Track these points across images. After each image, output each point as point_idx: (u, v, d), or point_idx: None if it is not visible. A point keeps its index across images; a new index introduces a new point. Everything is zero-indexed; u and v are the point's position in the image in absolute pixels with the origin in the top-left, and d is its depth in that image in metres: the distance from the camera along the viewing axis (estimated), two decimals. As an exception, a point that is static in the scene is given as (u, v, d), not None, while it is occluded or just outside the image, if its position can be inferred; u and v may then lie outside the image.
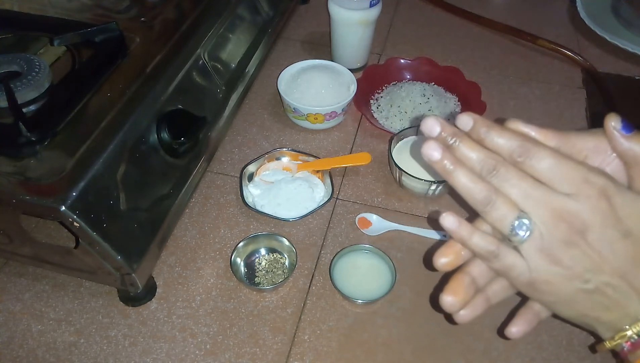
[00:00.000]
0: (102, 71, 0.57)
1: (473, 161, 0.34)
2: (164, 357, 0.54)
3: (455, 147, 0.34)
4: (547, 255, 0.33)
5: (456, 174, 0.34)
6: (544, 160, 0.32)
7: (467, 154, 0.34)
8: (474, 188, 0.34)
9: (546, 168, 0.32)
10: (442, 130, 0.34)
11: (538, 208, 0.33)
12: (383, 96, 0.82)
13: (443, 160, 0.34)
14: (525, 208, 0.33)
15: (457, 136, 0.34)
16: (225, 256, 0.62)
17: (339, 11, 0.81)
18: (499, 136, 0.33)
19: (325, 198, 0.67)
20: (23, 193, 0.45)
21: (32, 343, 0.55)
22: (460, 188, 0.34)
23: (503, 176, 0.33)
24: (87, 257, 0.50)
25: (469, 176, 0.34)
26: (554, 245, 0.33)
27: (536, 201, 0.32)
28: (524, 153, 0.33)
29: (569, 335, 0.56)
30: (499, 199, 0.33)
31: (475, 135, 0.34)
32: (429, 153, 0.34)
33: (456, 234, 0.36)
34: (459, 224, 0.35)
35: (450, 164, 0.34)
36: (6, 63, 0.57)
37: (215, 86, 0.66)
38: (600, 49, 0.94)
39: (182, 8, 0.69)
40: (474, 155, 0.34)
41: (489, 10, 1.03)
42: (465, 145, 0.34)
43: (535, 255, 0.34)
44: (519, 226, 0.33)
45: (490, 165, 0.33)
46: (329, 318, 0.57)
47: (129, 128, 0.52)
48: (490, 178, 0.33)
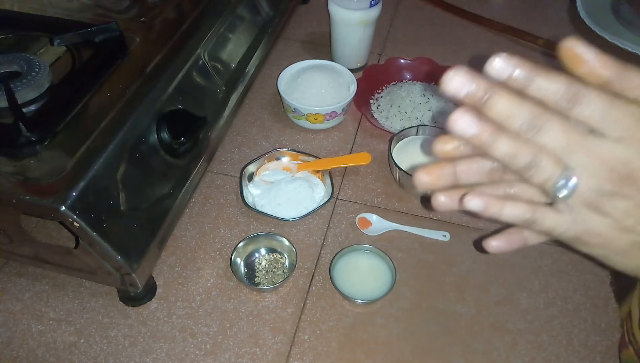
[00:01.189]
0: (102, 71, 0.57)
1: (517, 117, 0.29)
2: (164, 357, 0.54)
3: (491, 105, 0.29)
4: (596, 207, 0.30)
5: (497, 145, 0.29)
6: (594, 103, 0.28)
7: (506, 112, 0.29)
8: (517, 154, 0.29)
9: (596, 112, 0.28)
10: (471, 87, 0.29)
11: (585, 159, 0.29)
12: (383, 96, 0.82)
13: (481, 133, 0.29)
14: (571, 161, 0.29)
15: (492, 91, 0.29)
16: (225, 256, 0.62)
17: (339, 11, 0.81)
18: (545, 80, 0.29)
19: (325, 198, 0.67)
20: (23, 193, 0.45)
21: (32, 343, 0.55)
22: (500, 157, 0.30)
23: (547, 131, 0.29)
24: (87, 257, 0.50)
25: (511, 143, 0.29)
26: (603, 197, 0.30)
27: (583, 151, 0.29)
28: (572, 98, 0.28)
29: (569, 335, 0.56)
30: (543, 160, 0.29)
31: (515, 82, 0.29)
32: (462, 127, 0.29)
33: (486, 213, 0.32)
34: (486, 204, 0.32)
35: (490, 135, 0.29)
36: (6, 63, 0.57)
37: (215, 86, 0.66)
38: (601, 49, 0.94)
39: (182, 8, 0.69)
40: (515, 111, 0.29)
41: (489, 10, 1.03)
42: (503, 100, 0.29)
43: (582, 208, 0.31)
44: (564, 184, 0.30)
45: (533, 121, 0.29)
46: (329, 318, 0.57)
47: (129, 128, 0.52)
48: (533, 135, 0.29)
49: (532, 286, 0.60)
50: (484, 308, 0.58)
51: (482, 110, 0.29)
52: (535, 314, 0.58)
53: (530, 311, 0.58)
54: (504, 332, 0.56)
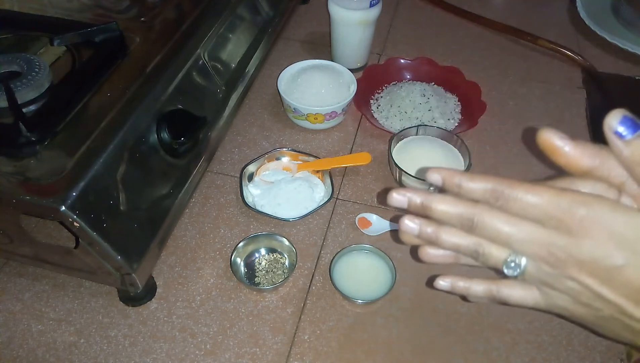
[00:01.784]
0: (102, 71, 0.57)
1: (451, 218, 0.34)
2: (164, 357, 0.54)
3: (429, 212, 0.34)
4: (551, 286, 0.33)
5: (441, 239, 0.35)
6: (520, 201, 0.31)
7: (443, 214, 0.34)
8: (461, 244, 0.34)
9: (525, 207, 0.31)
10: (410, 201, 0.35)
11: (525, 246, 0.32)
12: (383, 96, 0.82)
13: (423, 232, 0.35)
14: (513, 247, 0.33)
15: (427, 200, 0.34)
16: (225, 256, 0.62)
17: (339, 11, 0.81)
18: (471, 182, 0.33)
19: (325, 198, 0.67)
20: (23, 193, 0.45)
21: (32, 343, 0.55)
22: (449, 248, 0.35)
23: (482, 226, 0.33)
24: (87, 257, 0.50)
25: (453, 236, 0.34)
26: (550, 279, 0.33)
27: (521, 241, 0.32)
28: (500, 197, 0.32)
29: (569, 335, 0.56)
30: (486, 248, 0.34)
31: (449, 186, 0.34)
32: (408, 230, 0.35)
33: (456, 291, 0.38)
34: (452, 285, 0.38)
35: (432, 231, 0.35)
36: (6, 63, 0.57)
37: (215, 86, 0.66)
38: (600, 49, 0.94)
39: (182, 8, 0.69)
40: (450, 212, 0.34)
41: (489, 10, 1.03)
42: (438, 205, 0.34)
43: (539, 285, 0.34)
44: (513, 266, 0.33)
45: (467, 219, 0.33)
46: (329, 318, 0.57)
47: (129, 128, 0.52)
48: (471, 231, 0.33)
49: (532, 286, 0.60)
50: (484, 308, 0.58)
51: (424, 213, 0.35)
52: (535, 314, 0.58)
53: (530, 311, 0.58)
54: (504, 332, 0.56)
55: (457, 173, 0.34)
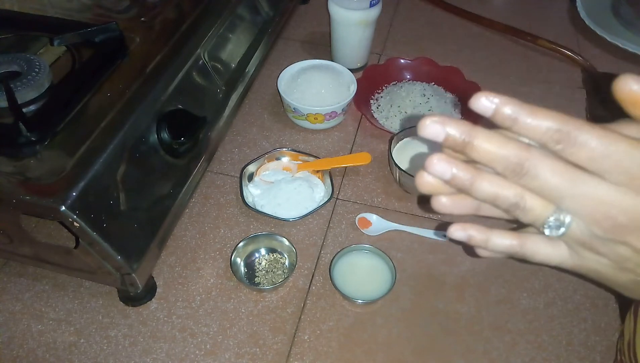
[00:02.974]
0: (102, 71, 0.57)
1: (496, 161, 0.27)
2: (164, 357, 0.54)
3: (471, 149, 0.27)
4: (591, 249, 0.29)
5: (478, 187, 0.28)
6: (589, 146, 0.26)
7: (487, 155, 0.27)
8: (499, 196, 0.28)
9: (592, 155, 0.26)
10: (448, 133, 0.27)
11: (577, 203, 0.27)
12: (383, 96, 0.82)
13: (458, 176, 0.28)
14: (561, 205, 0.28)
15: (470, 133, 0.27)
16: (225, 256, 0.62)
17: (339, 11, 0.81)
18: (532, 118, 0.26)
19: (325, 198, 0.67)
20: (23, 193, 0.45)
21: (32, 343, 0.55)
22: (484, 198, 0.29)
23: (534, 175, 0.27)
24: (87, 257, 0.50)
25: (491, 185, 0.28)
26: (598, 241, 0.28)
27: (575, 196, 0.27)
28: (564, 139, 0.26)
29: (569, 335, 0.56)
30: (528, 202, 0.28)
31: (500, 120, 0.27)
32: (438, 171, 0.28)
33: (472, 243, 0.31)
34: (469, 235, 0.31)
35: (469, 176, 0.28)
36: (6, 63, 0.57)
37: (215, 86, 0.66)
38: (600, 49, 0.94)
39: (182, 8, 0.69)
40: (497, 153, 0.27)
41: (489, 10, 1.03)
42: (483, 144, 0.27)
43: (576, 246, 0.29)
44: (555, 224, 0.28)
45: (517, 165, 0.27)
46: (329, 318, 0.57)
47: (129, 128, 0.52)
48: (518, 179, 0.27)
49: (532, 286, 0.60)
50: (484, 308, 0.58)
51: (463, 152, 0.28)
52: (535, 314, 0.58)
53: (530, 311, 0.58)
54: (504, 332, 0.56)
55: (516, 102, 0.27)
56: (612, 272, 0.30)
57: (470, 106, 0.27)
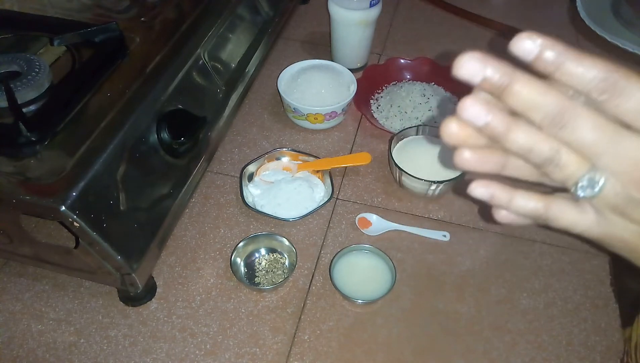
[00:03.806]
0: (102, 71, 0.57)
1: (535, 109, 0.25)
2: (164, 357, 0.54)
3: (510, 94, 0.25)
4: (622, 213, 0.27)
5: (513, 136, 0.26)
6: (635, 97, 0.24)
7: (526, 101, 0.25)
8: (535, 147, 0.26)
9: (637, 108, 0.24)
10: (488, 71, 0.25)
11: (616, 162, 0.25)
12: (383, 96, 0.82)
13: (493, 121, 0.26)
14: (599, 162, 0.26)
15: (510, 77, 0.25)
16: (225, 256, 0.62)
17: (339, 11, 0.81)
18: (577, 64, 0.25)
19: (325, 198, 0.67)
20: (23, 193, 0.45)
21: (32, 343, 0.55)
22: (517, 150, 0.26)
23: (574, 128, 0.25)
24: (87, 257, 0.50)
25: (528, 136, 0.26)
26: (632, 204, 0.26)
27: (614, 153, 0.25)
28: (610, 89, 0.24)
29: (569, 335, 0.56)
30: (564, 157, 0.26)
31: (542, 65, 0.25)
32: (472, 116, 0.26)
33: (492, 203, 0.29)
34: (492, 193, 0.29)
35: (503, 126, 0.26)
36: (6, 63, 0.57)
37: (215, 86, 0.66)
38: (600, 49, 0.94)
39: (182, 8, 0.69)
40: (537, 100, 0.25)
41: (489, 10, 1.03)
42: (524, 90, 0.25)
43: (607, 211, 0.27)
44: (587, 184, 0.26)
45: (557, 115, 0.25)
46: (329, 318, 0.57)
47: (129, 128, 0.52)
48: (555, 131, 0.25)
49: (532, 286, 0.60)
50: (484, 308, 0.58)
51: (499, 96, 0.26)
52: (535, 314, 0.58)
53: (530, 311, 0.58)
54: (504, 332, 0.56)
55: (561, 45, 0.25)
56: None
57: (511, 48, 0.25)
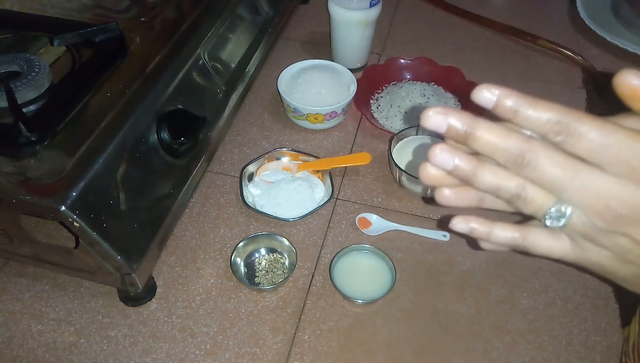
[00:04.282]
0: (102, 71, 0.57)
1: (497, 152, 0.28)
2: (164, 357, 0.54)
3: (473, 140, 0.28)
4: (592, 240, 0.29)
5: (480, 178, 0.28)
6: (588, 137, 0.26)
7: (488, 146, 0.27)
8: (501, 186, 0.28)
9: (591, 147, 0.26)
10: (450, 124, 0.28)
11: (578, 195, 0.27)
12: (383, 96, 0.82)
13: (460, 166, 0.28)
14: (562, 197, 0.28)
15: (472, 124, 0.28)
16: (225, 256, 0.62)
17: (339, 11, 0.81)
18: (533, 109, 0.27)
19: (325, 198, 0.67)
20: (23, 193, 0.45)
21: (32, 343, 0.55)
22: (486, 188, 0.29)
23: (534, 166, 0.27)
24: (87, 257, 0.50)
25: (494, 176, 0.28)
26: (599, 232, 0.28)
27: (576, 187, 0.27)
28: (564, 130, 0.26)
29: (569, 335, 0.56)
30: (529, 193, 0.28)
31: (501, 112, 0.28)
32: (441, 162, 0.28)
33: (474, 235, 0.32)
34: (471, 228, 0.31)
35: (471, 167, 0.28)
36: (6, 63, 0.57)
37: (215, 86, 0.66)
38: (600, 49, 0.94)
39: (182, 8, 0.69)
40: (498, 144, 0.27)
41: (489, 10, 1.03)
42: (485, 135, 0.27)
43: (578, 238, 0.29)
44: (555, 215, 0.28)
45: (518, 156, 0.27)
46: (329, 318, 0.57)
47: (129, 128, 0.52)
48: (518, 170, 0.28)
49: (532, 286, 0.60)
50: (484, 308, 0.58)
51: (465, 143, 0.28)
52: (535, 314, 0.58)
53: (530, 311, 0.58)
54: (504, 332, 0.56)
55: (517, 94, 0.27)
56: (614, 265, 0.30)
57: (472, 98, 0.27)
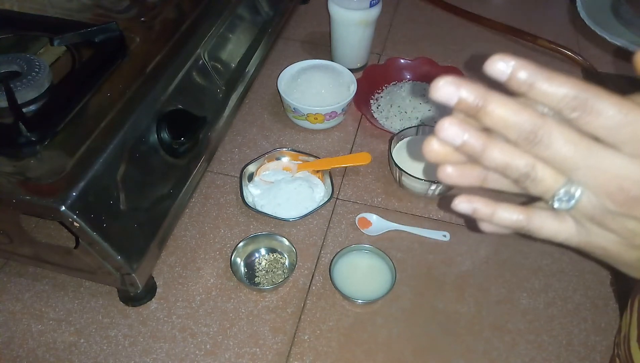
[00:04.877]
0: (102, 71, 0.57)
1: (509, 128, 0.26)
2: (164, 357, 0.54)
3: (484, 114, 0.26)
4: (600, 223, 0.28)
5: (489, 155, 0.27)
6: (606, 113, 0.25)
7: (500, 121, 0.26)
8: (510, 164, 0.27)
9: (608, 123, 0.25)
10: (462, 94, 0.26)
11: (590, 175, 0.26)
12: (383, 96, 0.82)
13: (469, 142, 0.27)
14: (574, 176, 0.27)
15: (484, 98, 0.26)
16: (225, 256, 0.62)
17: (339, 11, 0.81)
18: (549, 83, 0.26)
19: (325, 198, 0.67)
20: (23, 193, 0.45)
21: (32, 343, 0.55)
22: (494, 167, 0.28)
23: (547, 144, 0.26)
24: (87, 257, 0.50)
25: (503, 153, 0.27)
26: (609, 215, 0.27)
27: (588, 167, 0.26)
28: (580, 106, 0.25)
29: (569, 335, 0.56)
30: (539, 172, 0.27)
31: (515, 85, 0.26)
32: (449, 136, 0.27)
33: (477, 216, 0.30)
34: (474, 208, 0.30)
35: (479, 144, 0.27)
36: (6, 63, 0.57)
37: (215, 86, 0.66)
38: (600, 49, 0.94)
39: (182, 8, 0.69)
40: (511, 119, 0.26)
41: (489, 10, 1.03)
42: (497, 110, 0.26)
43: (584, 221, 0.28)
44: (563, 197, 0.27)
45: (530, 132, 0.26)
46: (329, 318, 0.57)
47: (129, 128, 0.52)
48: (529, 147, 0.27)
49: (532, 286, 0.60)
50: (484, 308, 0.58)
51: (475, 117, 0.27)
52: (535, 314, 0.58)
53: (530, 311, 0.58)
54: (504, 332, 0.56)
55: (532, 66, 0.26)
56: (620, 249, 0.29)
57: (485, 69, 0.26)
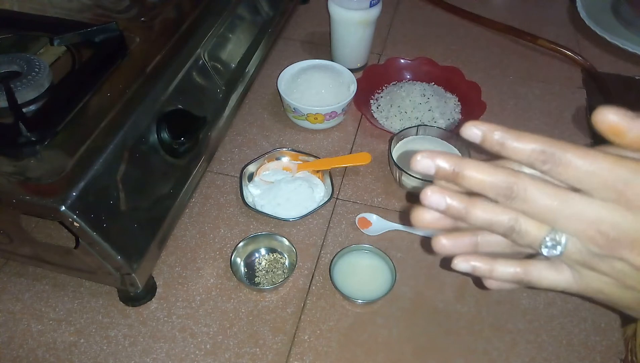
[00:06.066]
0: (102, 71, 0.57)
1: (486, 188, 0.29)
2: (164, 357, 0.54)
3: (462, 179, 0.29)
4: (591, 267, 0.29)
5: (472, 215, 0.30)
6: (573, 165, 0.27)
7: (476, 183, 0.29)
8: (494, 221, 0.29)
9: (577, 174, 0.27)
10: (438, 166, 0.29)
11: (570, 223, 0.28)
12: (383, 96, 0.82)
13: (452, 206, 0.30)
14: (555, 225, 0.28)
15: (459, 164, 0.29)
16: (225, 256, 0.62)
17: (339, 11, 0.81)
18: (518, 141, 0.28)
19: (325, 198, 0.67)
20: (23, 193, 0.45)
21: (32, 343, 0.55)
22: (480, 225, 0.30)
23: (523, 198, 0.28)
24: (87, 257, 0.50)
25: (486, 211, 0.29)
26: (596, 258, 0.29)
27: (567, 215, 0.28)
28: (550, 159, 0.27)
29: (568, 335, 0.56)
30: (522, 225, 0.29)
31: (489, 145, 0.29)
32: (433, 203, 0.30)
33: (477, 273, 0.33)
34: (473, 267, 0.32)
35: (462, 206, 0.30)
36: (6, 63, 0.57)
37: (215, 86, 0.66)
38: (600, 49, 0.94)
39: (182, 8, 0.69)
40: (486, 180, 0.28)
41: (489, 10, 1.03)
42: (472, 173, 0.29)
43: (577, 266, 0.30)
44: (551, 244, 0.29)
45: (506, 189, 0.28)
46: (329, 318, 0.57)
47: (129, 128, 0.52)
48: (509, 203, 0.29)
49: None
50: (484, 308, 0.58)
51: (455, 182, 0.29)
52: (535, 314, 0.58)
53: (530, 311, 0.58)
54: (504, 332, 0.56)
55: (501, 128, 0.28)
56: (616, 291, 0.30)
57: (462, 134, 0.30)
